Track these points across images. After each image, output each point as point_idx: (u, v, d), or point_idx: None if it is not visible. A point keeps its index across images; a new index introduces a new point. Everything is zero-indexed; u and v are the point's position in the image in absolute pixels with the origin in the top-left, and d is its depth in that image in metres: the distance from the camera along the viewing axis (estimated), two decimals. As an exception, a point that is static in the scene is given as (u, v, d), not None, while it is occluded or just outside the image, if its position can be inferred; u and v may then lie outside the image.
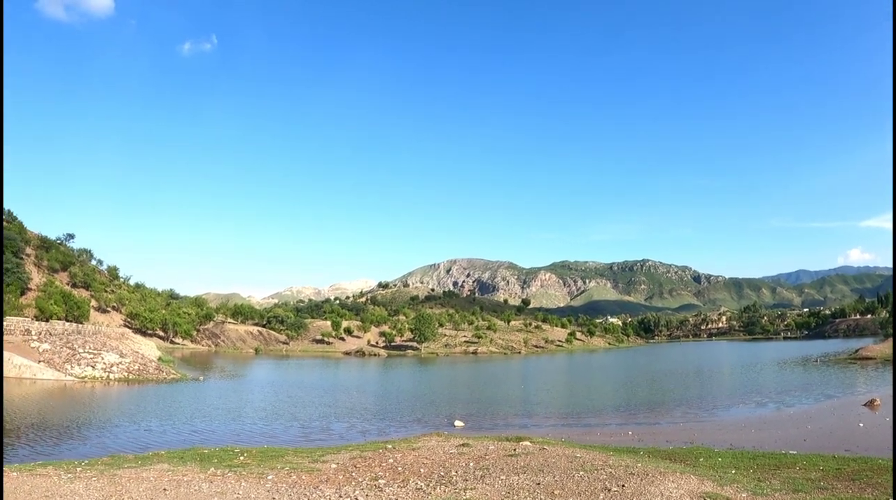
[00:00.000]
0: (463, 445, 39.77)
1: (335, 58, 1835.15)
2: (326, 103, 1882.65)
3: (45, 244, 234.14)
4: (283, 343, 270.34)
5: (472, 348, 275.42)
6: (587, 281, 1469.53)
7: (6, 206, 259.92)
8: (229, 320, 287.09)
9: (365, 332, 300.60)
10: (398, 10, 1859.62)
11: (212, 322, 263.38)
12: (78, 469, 32.82)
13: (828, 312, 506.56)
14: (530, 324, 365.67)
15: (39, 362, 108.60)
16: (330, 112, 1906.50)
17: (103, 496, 25.75)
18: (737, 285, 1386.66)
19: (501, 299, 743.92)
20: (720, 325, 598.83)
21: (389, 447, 40.91)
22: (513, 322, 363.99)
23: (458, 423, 66.73)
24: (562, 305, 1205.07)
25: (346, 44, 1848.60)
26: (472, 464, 31.46)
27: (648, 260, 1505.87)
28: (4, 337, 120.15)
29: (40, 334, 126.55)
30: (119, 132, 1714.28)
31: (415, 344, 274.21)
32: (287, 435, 59.86)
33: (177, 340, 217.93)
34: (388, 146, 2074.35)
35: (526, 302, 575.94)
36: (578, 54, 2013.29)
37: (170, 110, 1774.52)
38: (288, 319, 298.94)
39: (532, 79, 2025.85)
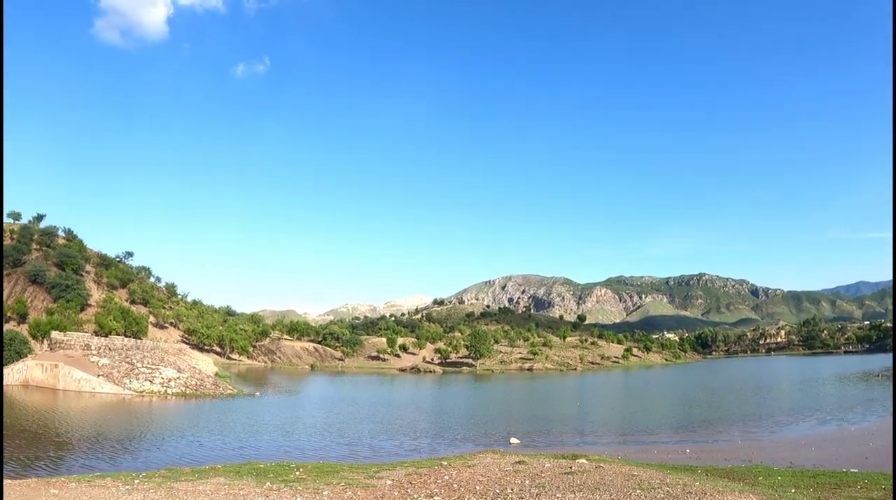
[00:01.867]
0: (518, 462, 39.37)
1: (386, 73, 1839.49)
2: (378, 119, 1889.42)
3: (104, 262, 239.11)
4: (339, 360, 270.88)
5: (527, 365, 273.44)
6: (643, 296, 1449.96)
7: (68, 225, 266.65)
8: (285, 336, 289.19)
9: (420, 349, 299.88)
10: (448, 21, 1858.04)
11: (268, 339, 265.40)
12: (136, 482, 33.21)
13: (889, 324, 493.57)
14: (586, 340, 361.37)
15: (99, 376, 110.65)
16: (382, 128, 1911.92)
17: (160, 509, 26.00)
18: (795, 298, 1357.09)
19: (557, 315, 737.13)
20: (779, 339, 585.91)
21: (445, 463, 40.65)
22: (568, 338, 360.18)
23: (513, 440, 66.39)
24: (618, 320, 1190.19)
25: (397, 59, 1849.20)
26: (527, 482, 31.06)
27: (705, 274, 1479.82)
28: (65, 351, 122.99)
29: (100, 349, 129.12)
30: (175, 152, 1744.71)
31: (470, 361, 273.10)
32: (340, 451, 60.03)
33: (233, 356, 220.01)
34: (442, 162, 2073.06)
35: (581, 318, 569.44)
36: (630, 63, 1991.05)
37: (224, 129, 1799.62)
38: (343, 335, 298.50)
39: (583, 90, 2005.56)
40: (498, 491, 28.85)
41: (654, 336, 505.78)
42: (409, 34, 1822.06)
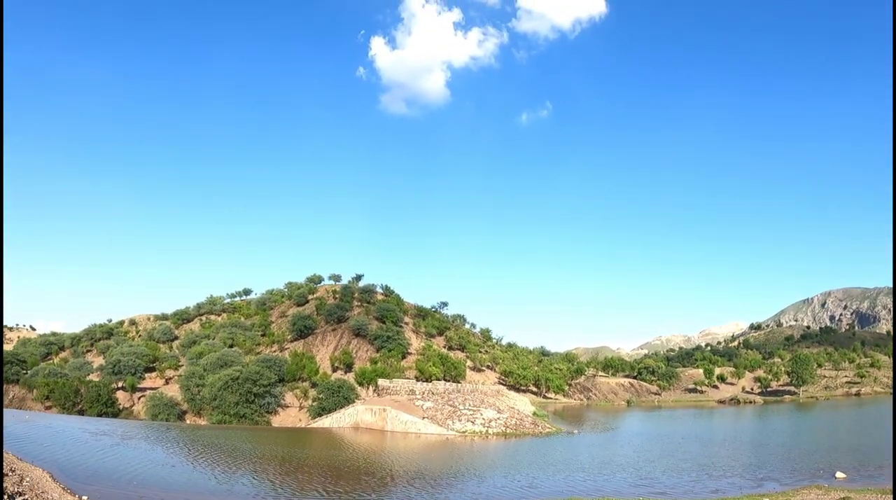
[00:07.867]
0: (844, 499, 37.77)
1: (670, 100, 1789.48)
2: (672, 146, 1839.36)
3: (421, 313, 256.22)
4: (655, 394, 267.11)
5: (854, 390, 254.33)
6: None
7: (385, 282, 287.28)
8: (600, 373, 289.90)
9: (738, 378, 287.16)
10: (725, 42, 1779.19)
11: (583, 376, 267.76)
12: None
13: None
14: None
15: (423, 418, 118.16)
16: (677, 153, 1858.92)
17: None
18: None
19: (884, 331, 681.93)
20: None
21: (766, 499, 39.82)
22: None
23: (839, 474, 63.85)
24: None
25: (679, 85, 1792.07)
26: (852, 518, 29.97)
27: None
28: (391, 396, 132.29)
29: (423, 393, 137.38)
30: (474, 204, 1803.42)
31: (792, 388, 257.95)
32: (656, 486, 60.40)
33: (549, 395, 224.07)
34: (744, 183, 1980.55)
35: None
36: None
37: (519, 175, 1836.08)
38: (658, 369, 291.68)
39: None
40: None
41: None
42: (689, 58, 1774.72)
